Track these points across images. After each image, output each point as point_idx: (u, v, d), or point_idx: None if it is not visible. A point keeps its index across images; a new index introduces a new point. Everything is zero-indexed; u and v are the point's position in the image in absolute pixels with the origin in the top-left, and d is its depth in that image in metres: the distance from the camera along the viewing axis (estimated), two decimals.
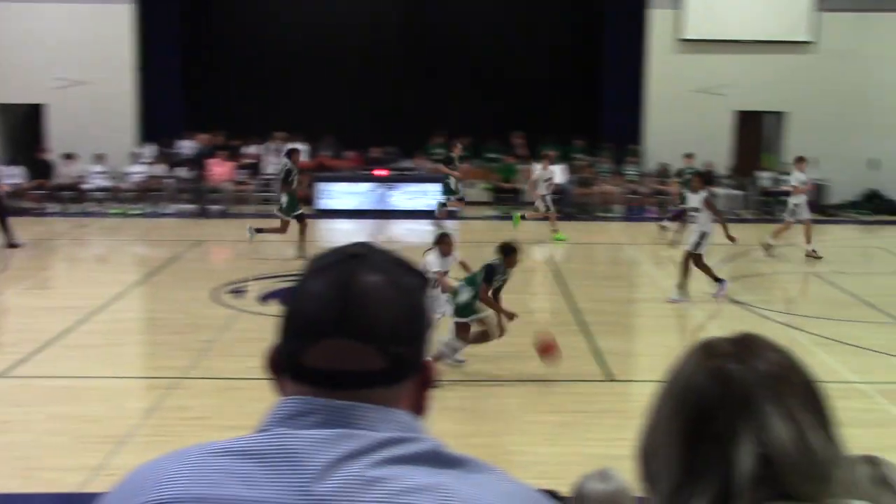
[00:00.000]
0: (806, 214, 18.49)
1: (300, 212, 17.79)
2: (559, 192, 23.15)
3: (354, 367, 1.54)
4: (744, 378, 1.49)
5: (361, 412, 1.53)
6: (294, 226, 17.69)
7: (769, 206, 23.44)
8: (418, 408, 1.63)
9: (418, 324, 1.61)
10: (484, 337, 11.06)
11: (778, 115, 24.97)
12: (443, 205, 21.21)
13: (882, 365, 11.50)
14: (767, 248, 18.36)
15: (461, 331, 10.79)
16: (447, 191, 21.22)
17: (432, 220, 20.74)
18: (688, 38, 24.05)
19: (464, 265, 11.78)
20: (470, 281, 10.87)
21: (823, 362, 11.60)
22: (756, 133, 25.72)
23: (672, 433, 1.49)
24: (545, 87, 25.82)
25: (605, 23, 25.46)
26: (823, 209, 23.89)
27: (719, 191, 23.31)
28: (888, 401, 10.08)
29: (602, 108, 25.58)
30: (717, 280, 14.75)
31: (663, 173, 23.76)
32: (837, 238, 21.07)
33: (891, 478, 4.26)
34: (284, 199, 17.67)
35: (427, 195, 22.83)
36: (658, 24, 24.18)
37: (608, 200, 23.38)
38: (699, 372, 1.52)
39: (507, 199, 23.55)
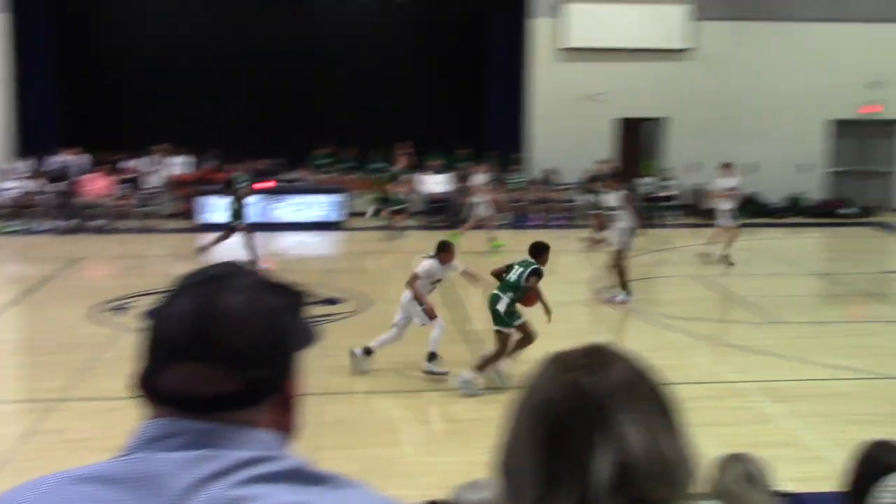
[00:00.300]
0: (730, 221, 18.79)
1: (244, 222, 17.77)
2: (443, 201, 23.25)
3: (207, 390, 1.53)
4: (597, 389, 1.51)
5: (222, 433, 1.52)
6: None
7: (650, 212, 23.86)
8: (284, 427, 1.62)
9: (280, 346, 1.61)
10: (527, 340, 10.93)
11: (658, 122, 25.51)
12: (397, 211, 21.64)
13: (760, 364, 11.81)
14: (725, 258, 18.46)
15: (502, 341, 10.70)
16: (395, 202, 21.67)
17: (387, 230, 21.23)
18: (569, 46, 24.39)
19: (469, 274, 11.81)
20: (506, 287, 10.80)
21: (703, 363, 11.88)
22: (637, 139, 26.23)
23: (531, 446, 1.50)
24: (430, 97, 25.93)
25: (488, 32, 25.68)
26: (704, 213, 24.45)
27: (601, 197, 23.70)
28: (765, 399, 10.35)
29: (486, 116, 25.78)
30: (625, 288, 14.99)
31: (548, 180, 24.02)
32: (718, 241, 21.57)
33: (756, 474, 4.37)
34: (230, 208, 17.79)
35: (313, 207, 22.70)
36: (540, 32, 24.48)
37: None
38: (554, 385, 1.53)
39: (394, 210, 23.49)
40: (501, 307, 10.72)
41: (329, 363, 10.96)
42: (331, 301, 14.93)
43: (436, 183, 23.34)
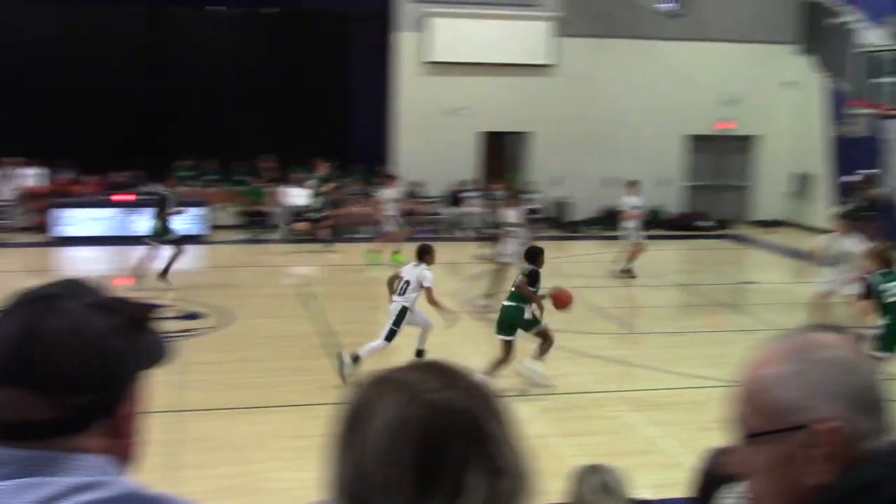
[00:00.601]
0: (636, 237, 19.01)
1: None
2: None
3: (29, 417, 1.46)
4: (465, 406, 1.45)
5: (49, 461, 1.45)
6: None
7: (490, 228, 24.12)
8: (119, 452, 1.55)
9: (108, 369, 1.53)
10: (549, 342, 11.32)
11: (522, 136, 25.82)
12: (315, 220, 21.48)
13: (620, 374, 12.03)
14: (627, 272, 18.60)
15: (545, 333, 11.22)
16: (318, 209, 21.42)
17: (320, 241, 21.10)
18: (434, 60, 24.50)
19: None
20: (517, 298, 11.24)
21: (568, 374, 12.02)
22: (501, 153, 26.50)
23: (394, 469, 1.40)
24: (294, 110, 25.72)
25: (353, 45, 25.63)
26: (566, 225, 24.89)
27: (466, 210, 23.88)
28: (626, 408, 10.53)
29: (351, 130, 25.71)
30: (490, 297, 15.16)
31: (413, 193, 24.04)
32: (580, 253, 21.97)
33: (612, 484, 4.43)
34: (158, 225, 17.38)
35: (175, 220, 22.16)
36: (405, 46, 24.53)
37: (358, 222, 23.41)
38: (412, 405, 1.43)
39: (257, 223, 23.17)
40: (528, 315, 11.19)
41: (189, 379, 10.71)
42: (192, 316, 14.61)
43: (300, 196, 23.10)
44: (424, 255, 11.85)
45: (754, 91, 26.18)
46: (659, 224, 25.35)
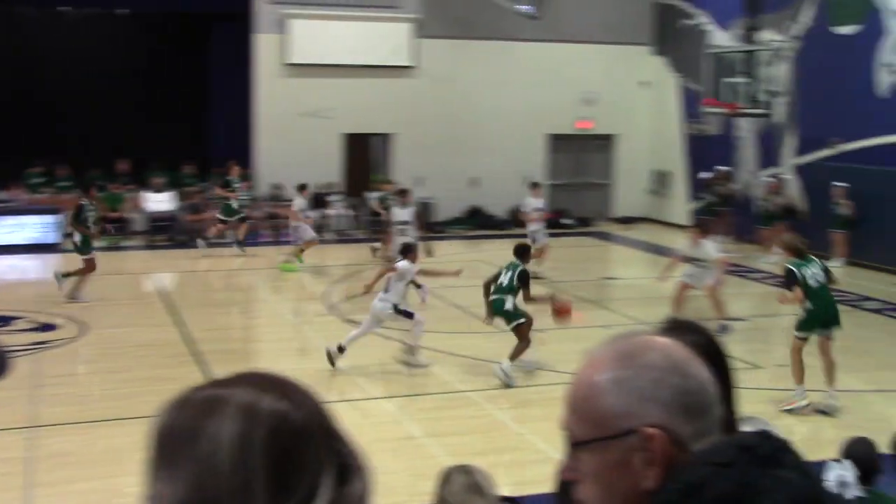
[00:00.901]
0: (543, 239, 19.05)
1: (92, 256, 16.42)
2: (170, 220, 22.52)
3: None
4: (311, 412, 1.41)
5: None
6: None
7: (379, 226, 24.03)
8: None
9: None
10: (525, 342, 11.91)
11: (385, 137, 25.77)
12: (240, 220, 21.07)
13: (487, 372, 12.07)
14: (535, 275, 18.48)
15: (521, 333, 11.77)
16: (227, 212, 20.81)
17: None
18: (294, 62, 24.21)
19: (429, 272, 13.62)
20: (503, 290, 11.91)
21: (437, 374, 12.02)
22: (365, 154, 26.40)
23: (252, 486, 1.32)
24: (152, 113, 25.09)
25: (212, 46, 25.18)
26: (431, 226, 24.91)
27: (331, 212, 23.70)
28: (493, 406, 10.57)
29: (211, 132, 25.25)
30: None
31: (276, 196, 23.67)
32: (445, 253, 21.98)
33: (482, 484, 4.41)
34: (79, 237, 16.29)
35: (26, 228, 21.41)
36: (264, 48, 24.15)
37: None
38: (253, 424, 1.35)
39: (116, 229, 22.46)
40: (510, 307, 11.84)
41: (44, 393, 10.31)
42: (46, 327, 14.08)
43: (159, 201, 22.57)
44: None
45: (612, 91, 26.72)
46: (523, 223, 25.61)
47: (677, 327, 1.94)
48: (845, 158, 20.45)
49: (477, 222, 24.95)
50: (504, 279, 12.04)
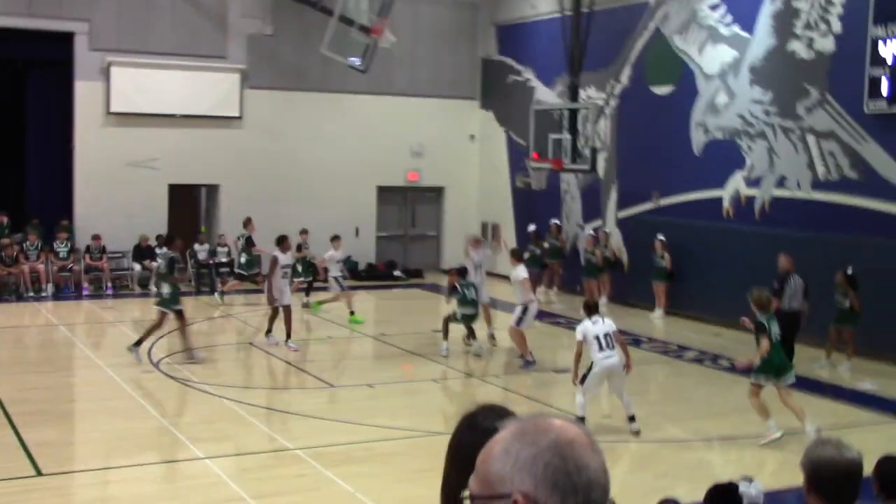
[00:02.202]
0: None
1: (181, 307, 15.41)
2: None
3: None
4: None
5: None
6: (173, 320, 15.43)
7: (205, 279, 23.55)
8: None
9: None
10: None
11: (212, 188, 25.30)
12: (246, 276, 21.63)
13: (312, 428, 11.88)
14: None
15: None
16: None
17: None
18: (116, 111, 23.53)
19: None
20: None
21: (259, 431, 11.73)
22: (191, 205, 25.85)
23: None
24: None
25: (29, 93, 24.26)
26: (256, 277, 24.50)
27: (156, 264, 23.02)
28: (320, 463, 10.38)
29: (28, 182, 24.27)
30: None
31: (96, 248, 22.79)
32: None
33: None
34: (167, 289, 15.35)
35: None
36: (85, 96, 23.36)
37: (37, 280, 22.02)
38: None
39: None
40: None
41: None
42: None
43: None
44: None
45: (441, 143, 27.05)
46: (353, 275, 25.52)
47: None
48: (665, 212, 21.22)
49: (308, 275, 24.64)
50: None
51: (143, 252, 23.09)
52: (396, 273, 26.34)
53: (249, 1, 24.65)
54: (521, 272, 15.81)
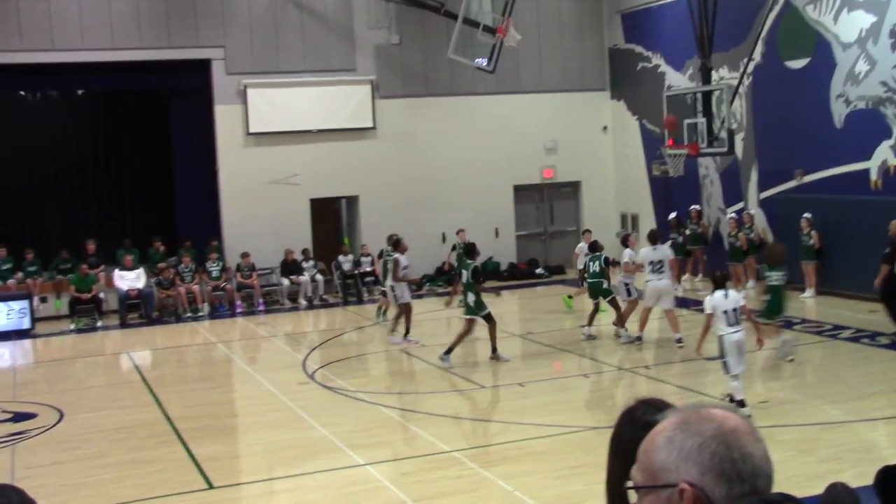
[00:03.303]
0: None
1: (487, 311, 16.00)
2: (139, 297, 22.33)
3: None
4: None
5: None
6: (482, 325, 16.11)
7: (352, 289, 24.02)
8: None
9: None
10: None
11: (351, 199, 25.79)
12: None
13: (467, 430, 12.01)
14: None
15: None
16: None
17: None
18: (256, 131, 24.25)
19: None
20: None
21: (416, 435, 11.93)
22: (333, 218, 26.42)
23: None
24: (116, 191, 25.17)
25: (173, 120, 25.19)
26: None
27: (303, 279, 23.62)
28: (477, 464, 10.50)
29: (178, 206, 25.21)
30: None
31: (246, 266, 23.51)
32: (418, 311, 21.94)
33: None
34: (472, 297, 15.96)
35: None
36: (224, 119, 24.17)
37: (193, 300, 22.86)
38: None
39: (88, 311, 22.24)
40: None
41: (24, 486, 10.11)
42: (23, 417, 13.88)
43: (130, 279, 22.42)
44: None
45: (574, 137, 26.95)
46: (494, 275, 25.64)
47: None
48: (809, 189, 20.67)
49: (449, 278, 24.85)
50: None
51: (289, 267, 23.73)
52: (538, 271, 26.36)
53: (374, 12, 25.06)
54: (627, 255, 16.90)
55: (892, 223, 15.99)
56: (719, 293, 12.17)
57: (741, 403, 11.53)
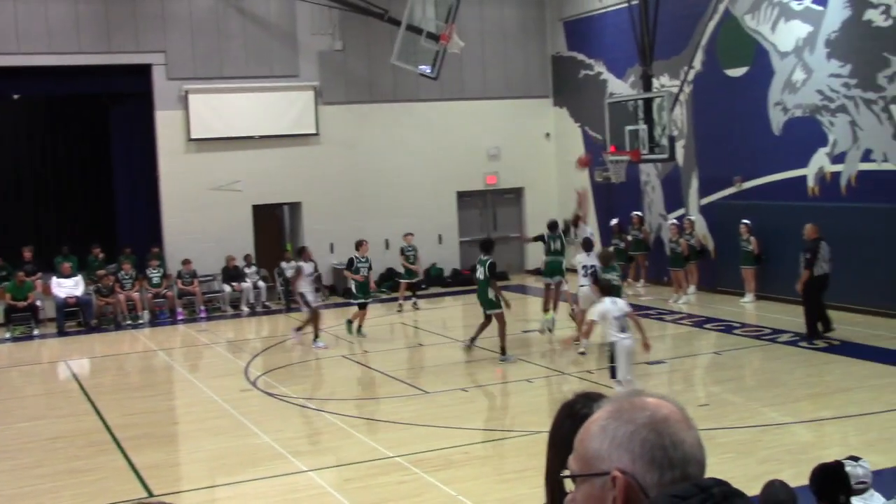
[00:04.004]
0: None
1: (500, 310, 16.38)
2: (80, 305, 21.99)
3: None
4: None
5: None
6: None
7: (294, 296, 23.85)
8: None
9: None
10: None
11: (294, 205, 25.64)
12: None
13: (411, 435, 11.97)
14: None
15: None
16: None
17: None
18: (198, 137, 24.01)
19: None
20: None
21: (359, 441, 11.88)
22: (275, 224, 26.24)
23: None
24: (55, 197, 24.80)
25: (113, 126, 24.86)
26: (346, 291, 24.77)
27: (245, 285, 23.43)
28: (421, 469, 10.47)
29: (117, 213, 24.88)
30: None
31: (187, 273, 23.26)
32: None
33: None
34: (492, 293, 16.46)
35: None
36: (166, 125, 23.89)
37: (133, 308, 22.57)
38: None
39: (24, 319, 21.84)
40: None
41: None
42: None
43: (68, 286, 22.05)
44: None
45: (517, 144, 27.06)
46: (437, 281, 25.65)
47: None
48: (748, 195, 20.94)
49: (391, 284, 24.83)
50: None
51: (231, 273, 23.54)
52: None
53: (318, 18, 24.96)
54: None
55: (806, 227, 16.69)
56: (608, 300, 12.32)
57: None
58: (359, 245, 19.55)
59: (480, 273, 16.31)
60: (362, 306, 18.81)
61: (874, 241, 17.87)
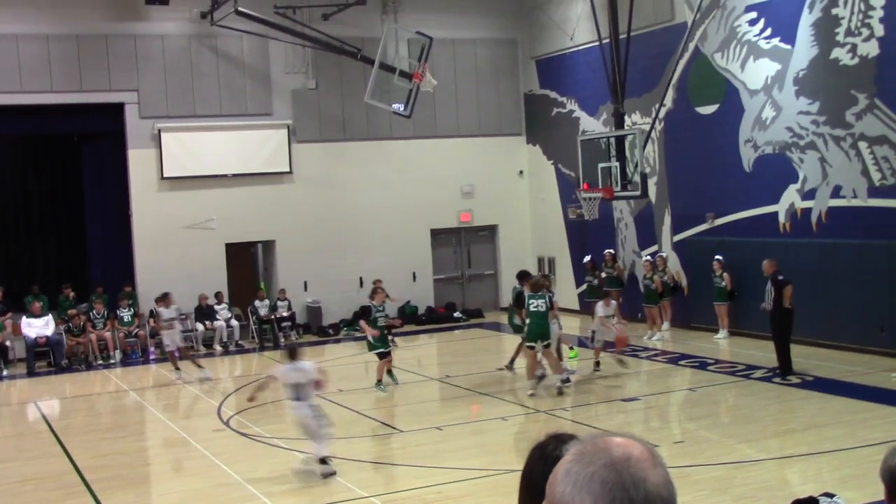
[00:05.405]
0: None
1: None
2: (50, 345, 21.77)
3: None
4: None
5: None
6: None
7: (268, 334, 23.79)
8: None
9: None
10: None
11: (268, 244, 25.58)
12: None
13: (385, 475, 11.88)
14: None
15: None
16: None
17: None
18: (170, 175, 23.93)
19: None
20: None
21: (333, 481, 11.77)
22: (249, 262, 26.14)
23: None
24: (26, 236, 24.61)
25: (85, 164, 24.74)
26: (320, 330, 24.71)
27: (218, 323, 23.29)
28: None
29: (90, 252, 24.71)
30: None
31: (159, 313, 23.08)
32: (336, 357, 21.80)
33: None
34: (518, 320, 17.43)
35: None
36: (138, 164, 23.80)
37: (105, 347, 22.38)
38: None
39: None
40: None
41: None
42: None
43: (38, 326, 21.84)
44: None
45: (490, 182, 27.15)
46: (411, 319, 25.59)
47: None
48: (721, 232, 21.07)
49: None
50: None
51: (204, 312, 23.39)
52: (456, 314, 26.40)
53: (291, 57, 25.03)
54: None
55: (764, 263, 16.88)
56: (289, 366, 12.16)
57: (324, 461, 11.70)
58: (374, 293, 17.88)
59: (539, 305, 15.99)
60: (382, 356, 17.47)
61: (845, 277, 18.00)
